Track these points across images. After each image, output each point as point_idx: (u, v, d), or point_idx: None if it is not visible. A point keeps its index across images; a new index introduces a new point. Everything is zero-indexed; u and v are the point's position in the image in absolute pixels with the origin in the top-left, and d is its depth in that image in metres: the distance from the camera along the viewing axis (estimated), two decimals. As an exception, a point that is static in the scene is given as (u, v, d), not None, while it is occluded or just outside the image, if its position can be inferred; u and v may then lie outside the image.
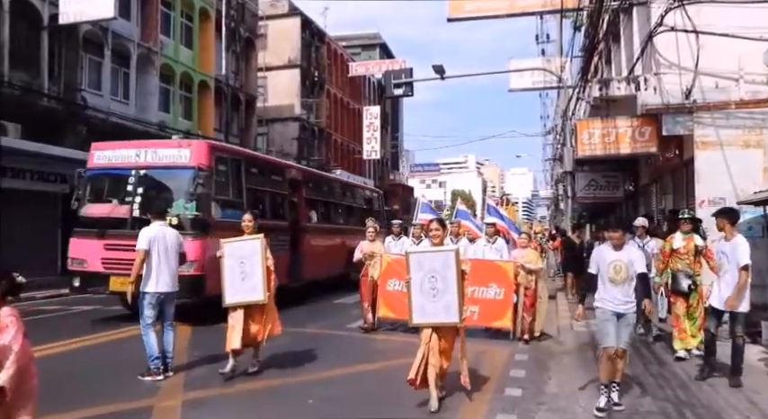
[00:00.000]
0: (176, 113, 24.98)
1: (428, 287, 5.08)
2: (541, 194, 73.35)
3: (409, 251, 5.51)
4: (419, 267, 5.18)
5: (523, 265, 8.61)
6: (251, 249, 6.30)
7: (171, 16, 24.74)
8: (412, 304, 5.14)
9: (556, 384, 6.18)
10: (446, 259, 5.13)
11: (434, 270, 5.11)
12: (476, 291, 8.45)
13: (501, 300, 8.58)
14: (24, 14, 17.41)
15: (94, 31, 19.83)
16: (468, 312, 7.96)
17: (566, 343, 8.60)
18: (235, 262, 6.28)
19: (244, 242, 6.39)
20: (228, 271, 6.29)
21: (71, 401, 5.39)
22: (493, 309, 8.57)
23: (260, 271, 6.22)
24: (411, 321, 5.20)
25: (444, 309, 5.04)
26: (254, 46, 31.85)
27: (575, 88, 15.70)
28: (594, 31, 11.02)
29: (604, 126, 11.19)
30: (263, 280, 6.21)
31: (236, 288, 6.25)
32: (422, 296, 5.10)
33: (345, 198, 17.87)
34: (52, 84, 18.31)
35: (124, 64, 21.84)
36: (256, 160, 13.49)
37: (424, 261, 5.21)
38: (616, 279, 5.27)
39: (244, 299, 6.25)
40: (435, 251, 5.32)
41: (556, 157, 34.68)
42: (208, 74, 26.93)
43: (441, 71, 16.87)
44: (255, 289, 6.22)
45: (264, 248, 6.29)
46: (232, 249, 6.37)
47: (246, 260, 6.25)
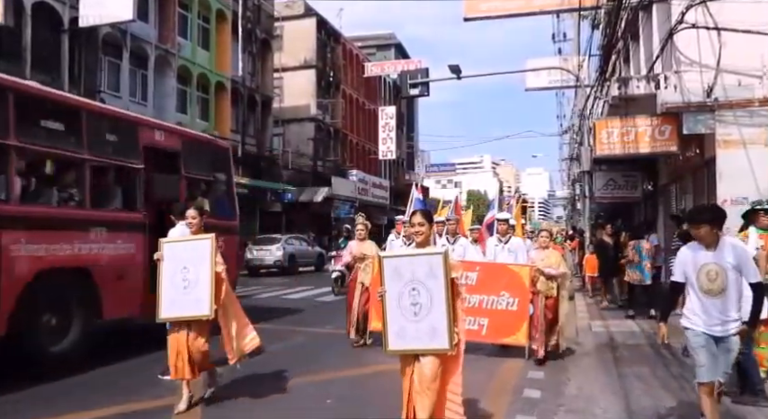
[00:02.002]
0: (193, 114, 25.20)
1: (408, 302, 3.77)
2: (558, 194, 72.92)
3: (383, 255, 4.07)
4: (396, 276, 3.82)
5: (542, 270, 7.19)
6: (197, 251, 5.16)
7: (188, 18, 24.98)
8: (387, 325, 3.82)
9: (575, 385, 6.13)
10: (432, 265, 3.74)
11: (416, 279, 3.76)
12: (484, 301, 7.40)
13: (514, 312, 7.28)
14: (46, 18, 17.68)
15: (113, 34, 20.08)
16: (475, 325, 7.19)
17: (585, 344, 8.51)
18: (176, 268, 5.15)
19: (188, 242, 5.30)
20: (168, 277, 5.17)
21: (95, 399, 5.45)
22: (505, 323, 7.29)
23: (207, 278, 5.06)
24: (386, 347, 3.83)
25: (430, 332, 3.72)
26: (270, 47, 32.04)
27: (592, 87, 15.56)
28: (613, 29, 10.90)
29: (623, 125, 11.06)
30: (211, 291, 5.06)
31: (175, 299, 5.12)
32: (400, 314, 3.79)
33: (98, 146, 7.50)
34: (72, 87, 18.54)
35: (142, 66, 22.08)
36: None
37: (402, 267, 3.83)
38: (712, 289, 4.05)
39: (185, 314, 5.11)
40: (417, 254, 3.91)
41: (573, 157, 34.44)
42: (224, 75, 27.13)
43: (457, 71, 16.83)
44: (200, 302, 5.06)
45: (215, 251, 5.14)
46: (173, 251, 5.25)
47: (191, 265, 5.12)
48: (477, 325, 7.28)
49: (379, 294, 3.87)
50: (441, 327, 3.70)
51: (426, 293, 3.74)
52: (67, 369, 6.35)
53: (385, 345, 3.85)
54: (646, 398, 5.48)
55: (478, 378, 5.97)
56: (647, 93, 10.16)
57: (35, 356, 6.26)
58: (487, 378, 6.38)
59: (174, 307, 5.13)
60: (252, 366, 6.90)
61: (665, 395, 5.65)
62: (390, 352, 3.85)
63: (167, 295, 5.15)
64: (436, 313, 3.72)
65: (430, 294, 3.73)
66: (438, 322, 3.71)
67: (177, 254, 5.20)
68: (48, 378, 6.07)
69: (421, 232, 3.85)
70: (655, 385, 5.99)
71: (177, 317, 5.16)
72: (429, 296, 3.74)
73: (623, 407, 5.26)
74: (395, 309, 3.81)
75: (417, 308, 3.76)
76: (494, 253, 8.18)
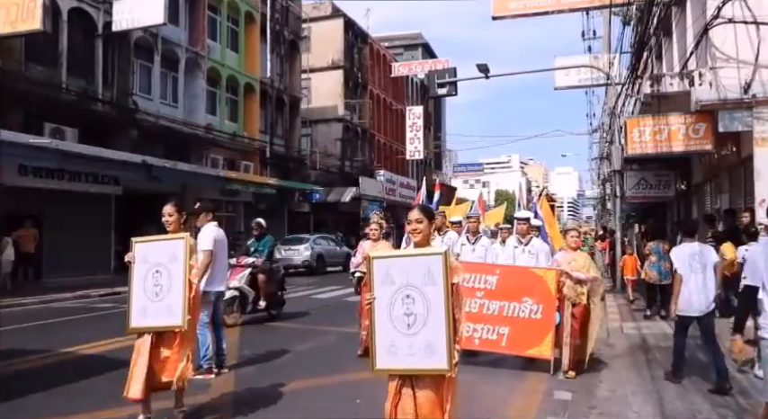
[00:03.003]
0: (223, 115, 25.52)
1: (401, 311, 3.19)
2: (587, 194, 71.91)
3: (373, 254, 3.41)
4: (387, 280, 3.24)
5: (570, 273, 6.46)
6: (171, 253, 4.63)
7: (217, 21, 25.32)
8: (375, 338, 3.24)
9: (607, 388, 6.03)
10: (430, 268, 3.16)
11: (411, 285, 3.18)
12: (505, 308, 6.69)
13: (538, 321, 6.54)
14: (81, 23, 18.12)
15: (145, 38, 20.47)
16: (494, 335, 6.66)
17: (616, 345, 8.37)
18: (149, 271, 4.65)
19: (162, 242, 4.75)
20: (139, 282, 4.66)
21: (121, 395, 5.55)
22: (527, 332, 6.54)
23: (181, 283, 4.57)
24: (373, 366, 3.24)
25: (425, 349, 3.13)
26: (298, 48, 32.29)
27: (623, 85, 15.31)
28: (645, 26, 10.69)
29: (656, 123, 10.86)
30: (185, 297, 4.54)
31: (146, 307, 4.60)
32: (391, 326, 3.20)
33: None
34: (106, 90, 18.98)
35: (173, 68, 22.46)
36: None
37: (395, 270, 3.24)
38: None
39: (156, 323, 4.58)
40: (412, 255, 3.33)
41: (603, 156, 33.93)
42: (253, 76, 27.42)
43: (485, 70, 16.73)
44: (172, 310, 4.54)
45: (189, 252, 4.64)
46: (146, 251, 4.71)
47: (164, 268, 4.61)
48: (496, 335, 6.66)
49: (368, 301, 3.25)
50: (438, 343, 3.10)
51: (422, 301, 3.15)
52: (95, 367, 6.49)
53: (372, 363, 3.22)
54: (681, 402, 5.37)
55: (507, 380, 5.99)
56: (681, 91, 9.94)
57: None
58: (517, 379, 6.34)
59: (144, 315, 4.59)
60: (283, 365, 6.97)
61: (701, 400, 5.52)
62: (379, 371, 3.21)
63: (138, 302, 4.63)
64: (434, 325, 3.12)
65: (426, 302, 3.14)
66: (435, 336, 3.11)
67: (149, 256, 4.67)
68: (79, 375, 6.20)
69: (418, 230, 3.29)
70: (690, 389, 5.86)
71: (148, 328, 4.60)
72: (425, 304, 3.15)
73: (658, 411, 5.16)
74: (385, 320, 3.21)
75: (411, 319, 3.16)
76: (512, 255, 7.43)
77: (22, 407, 5.19)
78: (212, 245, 6.23)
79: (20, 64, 16.11)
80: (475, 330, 6.65)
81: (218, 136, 24.51)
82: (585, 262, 6.63)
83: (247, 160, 26.65)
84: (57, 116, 16.59)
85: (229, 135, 25.40)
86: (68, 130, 16.86)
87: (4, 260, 14.56)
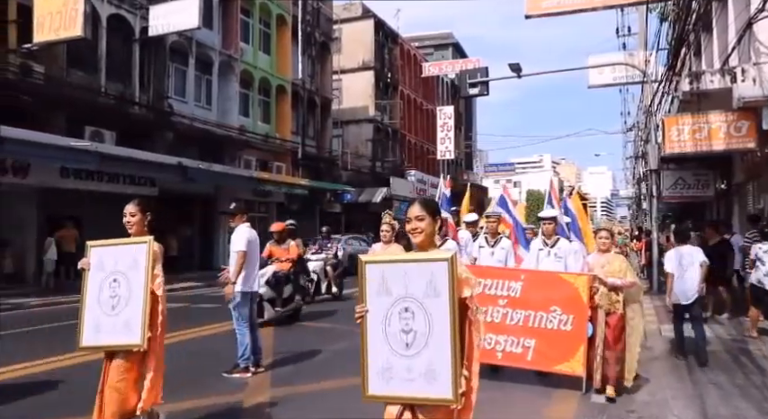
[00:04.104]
0: (255, 117, 25.83)
1: (398, 328, 2.66)
2: (621, 193, 70.64)
3: (365, 258, 2.83)
4: (383, 290, 2.71)
5: (604, 279, 5.75)
6: (131, 259, 3.97)
7: (250, 24, 25.64)
8: (367, 359, 2.70)
9: (646, 391, 5.91)
10: (433, 276, 2.62)
11: (410, 295, 2.66)
12: (531, 318, 6.00)
13: (569, 332, 5.83)
14: (119, 29, 18.56)
15: (180, 42, 20.86)
16: (519, 348, 5.98)
17: (654, 348, 8.19)
18: (105, 279, 3.99)
19: (121, 247, 4.07)
20: (93, 292, 4.00)
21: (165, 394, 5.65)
22: (556, 346, 5.85)
23: (141, 294, 3.88)
24: (365, 391, 2.71)
25: (426, 374, 2.61)
26: (329, 49, 32.49)
27: (660, 83, 14.99)
28: (684, 21, 10.45)
29: (695, 121, 10.61)
30: (144, 311, 3.86)
31: (101, 321, 3.94)
32: (386, 345, 2.68)
33: None
34: (142, 93, 19.39)
35: (207, 71, 22.83)
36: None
37: (392, 278, 2.71)
38: None
39: (110, 341, 3.91)
40: (412, 260, 2.73)
41: (638, 155, 33.30)
42: (285, 78, 27.69)
43: (517, 69, 16.57)
44: (130, 326, 3.86)
45: (152, 258, 3.95)
46: (102, 257, 4.05)
47: (122, 276, 3.96)
48: (521, 348, 6.00)
49: (358, 314, 2.69)
50: (442, 368, 2.57)
51: (423, 316, 2.61)
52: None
53: (363, 388, 2.68)
54: (724, 407, 5.23)
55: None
56: (722, 88, 9.68)
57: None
58: (554, 382, 6.06)
59: (98, 332, 3.93)
60: (317, 364, 7.02)
61: (746, 405, 5.37)
62: (371, 398, 2.69)
63: (91, 315, 3.98)
64: (436, 346, 2.59)
65: (428, 318, 2.61)
66: (438, 359, 2.58)
67: (106, 262, 4.02)
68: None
69: (419, 229, 2.73)
70: (734, 393, 5.70)
71: (101, 347, 3.95)
72: (427, 321, 2.61)
73: (700, 416, 5.04)
74: (379, 337, 2.68)
75: (410, 337, 2.63)
76: (536, 258, 6.67)
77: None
78: (246, 245, 6.32)
79: (62, 70, 16.58)
80: (497, 342, 6.02)
81: (251, 137, 24.82)
82: (621, 266, 5.83)
83: (279, 161, 26.92)
84: (96, 119, 17.02)
85: (262, 136, 25.69)
86: (107, 133, 17.30)
87: (47, 260, 15.04)
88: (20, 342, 8.54)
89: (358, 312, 2.70)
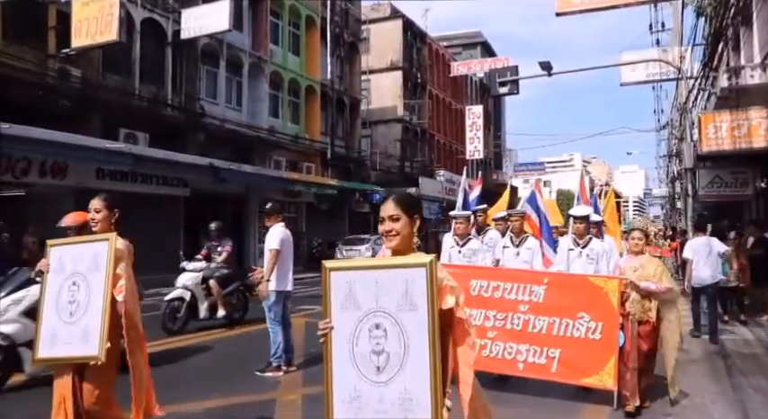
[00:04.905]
0: (285, 118, 26.05)
1: (368, 348, 2.25)
2: (655, 193, 69.30)
3: (329, 265, 2.39)
4: (349, 302, 2.31)
5: (637, 283, 5.24)
6: (91, 259, 3.51)
7: (279, 25, 25.88)
8: (332, 384, 2.29)
9: (683, 395, 5.77)
10: (408, 286, 2.23)
11: (381, 309, 2.26)
12: (555, 325, 5.45)
13: (598, 342, 5.31)
14: (152, 33, 18.90)
15: (211, 44, 21.15)
16: (542, 358, 5.44)
17: (692, 351, 8.00)
18: (64, 282, 3.53)
19: (82, 246, 3.62)
20: (51, 297, 3.55)
21: (201, 391, 5.74)
22: (584, 356, 5.34)
23: (100, 300, 3.42)
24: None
25: (401, 404, 2.19)
26: (358, 50, 32.59)
27: (696, 79, 14.65)
28: (722, 16, 10.18)
29: (734, 118, 10.34)
30: (103, 320, 3.39)
31: (58, 331, 3.48)
32: (352, 368, 2.27)
33: None
34: (175, 95, 19.72)
35: (237, 73, 23.11)
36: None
37: (359, 287, 2.30)
38: None
39: (66, 353, 3.44)
40: (383, 266, 2.35)
41: (672, 154, 32.60)
42: (314, 79, 27.86)
43: (548, 67, 16.37)
44: (89, 336, 3.38)
45: (114, 257, 3.48)
46: (62, 257, 3.60)
47: (81, 279, 3.50)
48: (544, 359, 5.45)
49: (321, 331, 2.29)
50: (419, 397, 2.15)
51: (398, 334, 2.20)
52: (170, 363, 6.74)
53: (327, 414, 2.28)
54: (766, 411, 5.07)
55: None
56: (763, 83, 9.43)
57: None
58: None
59: (54, 343, 3.46)
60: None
61: (790, 410, 5.22)
62: None
63: (48, 323, 3.51)
64: (413, 370, 2.17)
65: (404, 336, 2.20)
66: (415, 386, 2.16)
67: (66, 263, 3.56)
68: (156, 371, 6.45)
69: (393, 231, 2.34)
70: (777, 398, 5.53)
71: (57, 359, 3.49)
72: (402, 339, 2.20)
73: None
74: (345, 359, 2.27)
75: (382, 360, 2.22)
76: (567, 259, 6.16)
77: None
78: (279, 244, 6.37)
79: (98, 73, 16.98)
80: (519, 352, 5.53)
81: (281, 138, 25.04)
82: (657, 270, 5.27)
83: (309, 161, 27.11)
84: (130, 121, 17.37)
85: (291, 137, 25.89)
86: (140, 135, 17.64)
87: (84, 259, 15.39)
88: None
89: (321, 329, 2.29)
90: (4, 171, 13.94)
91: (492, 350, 5.59)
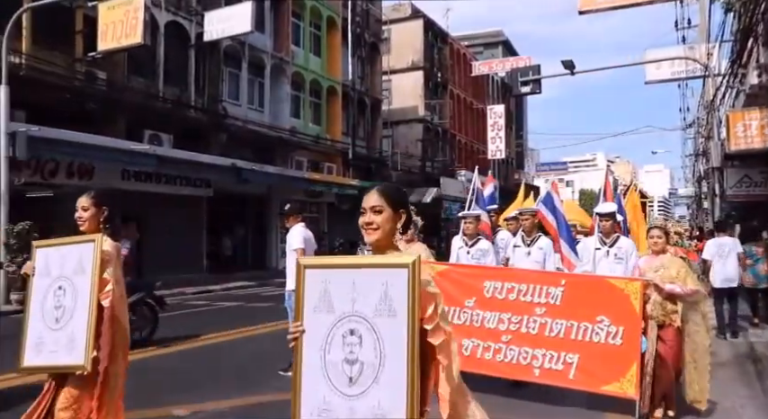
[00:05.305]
0: (306, 119, 26.17)
1: (340, 356, 2.04)
2: (680, 192, 68.25)
3: (304, 262, 2.19)
4: (323, 303, 2.09)
5: (661, 285, 4.92)
6: (76, 261, 3.26)
7: (300, 26, 26.01)
8: (300, 394, 2.08)
9: (712, 399, 5.65)
10: (387, 287, 2.01)
11: (357, 313, 2.04)
12: (573, 329, 5.16)
13: (618, 347, 4.99)
14: (176, 35, 19.14)
15: (233, 46, 21.34)
16: (559, 364, 5.18)
17: (720, 354, 7.82)
18: (50, 287, 3.33)
19: (68, 247, 3.36)
20: (37, 302, 3.35)
21: (224, 390, 5.79)
22: (604, 362, 5.03)
23: (86, 306, 3.17)
24: None
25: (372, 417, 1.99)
26: (379, 50, 32.62)
27: (724, 76, 14.37)
28: (752, 11, 9.96)
29: (764, 116, 10.13)
30: (90, 327, 3.13)
31: (43, 338, 3.29)
32: (325, 378, 2.05)
33: None
34: (198, 97, 19.94)
35: (259, 74, 23.28)
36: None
37: (335, 288, 2.08)
38: None
39: (51, 362, 3.24)
40: (361, 265, 2.13)
41: (698, 153, 32.06)
42: (335, 80, 27.95)
43: (571, 66, 16.22)
44: (74, 344, 3.16)
45: (99, 261, 3.21)
46: (48, 260, 3.38)
47: (68, 283, 3.27)
48: (561, 364, 5.16)
49: (292, 335, 2.08)
50: (394, 412, 1.95)
51: (374, 342, 1.99)
52: (193, 362, 6.80)
53: None
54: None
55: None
56: (794, 80, 9.20)
57: None
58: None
59: (40, 350, 3.28)
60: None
61: None
62: None
63: (34, 330, 3.32)
64: (389, 384, 1.95)
65: (380, 345, 1.98)
66: (390, 402, 1.95)
67: (52, 266, 3.35)
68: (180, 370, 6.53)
69: (374, 224, 2.12)
70: (809, 403, 5.39)
71: (42, 368, 3.31)
72: (378, 348, 1.98)
73: (772, 426, 4.79)
74: (316, 367, 2.05)
75: (356, 370, 2.00)
76: (593, 259, 5.90)
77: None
78: (302, 243, 6.39)
79: (123, 76, 17.25)
80: (534, 357, 5.26)
81: (303, 138, 25.16)
82: (680, 271, 4.98)
83: (330, 162, 27.21)
84: (154, 123, 17.61)
85: (313, 137, 26.01)
86: (164, 136, 17.88)
87: (109, 258, 15.64)
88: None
89: (291, 332, 2.07)
90: (33, 172, 14.23)
91: (506, 354, 5.35)
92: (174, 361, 7.14)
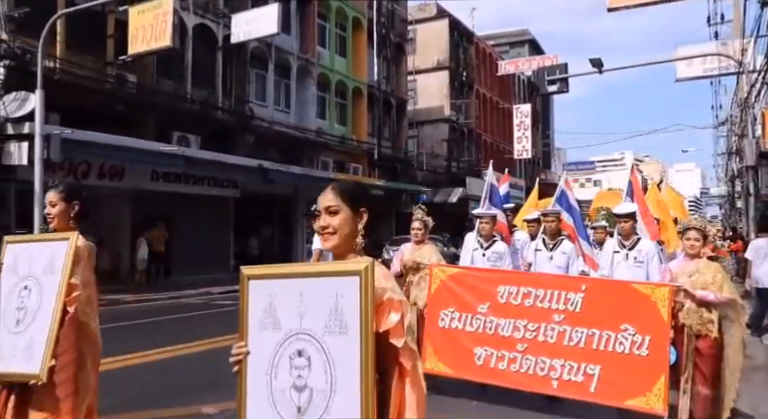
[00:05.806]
0: (332, 120, 26.28)
1: (288, 382, 1.75)
2: (712, 192, 66.80)
3: (247, 271, 1.91)
4: (269, 320, 1.82)
5: (692, 291, 4.54)
6: (47, 260, 2.99)
7: (326, 28, 26.12)
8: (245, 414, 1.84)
9: (746, 404, 5.48)
10: (338, 300, 1.71)
11: (306, 330, 1.75)
12: (595, 339, 4.78)
13: (645, 358, 4.59)
14: (203, 38, 19.40)
15: (260, 48, 21.54)
16: (580, 376, 4.80)
17: (755, 357, 7.60)
18: (16, 286, 3.04)
19: (40, 244, 3.11)
20: (1, 302, 3.07)
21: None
22: (628, 374, 4.64)
23: (51, 309, 2.88)
24: None
25: None
26: (404, 50, 32.59)
27: (759, 73, 14.02)
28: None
29: (800, 113, 9.82)
30: (52, 332, 2.85)
31: (2, 340, 2.99)
32: (271, 408, 1.78)
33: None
34: (225, 99, 20.18)
35: (285, 76, 23.46)
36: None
37: (281, 302, 1.81)
38: None
39: (7, 369, 2.93)
40: (308, 274, 1.82)
41: (732, 151, 31.32)
42: (361, 80, 28.01)
43: (599, 64, 15.99)
44: (33, 350, 2.87)
45: (73, 260, 2.93)
46: (19, 257, 3.11)
47: (34, 283, 2.99)
48: (582, 376, 4.79)
49: (234, 358, 1.86)
50: None
51: (324, 364, 1.71)
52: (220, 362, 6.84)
53: None
54: None
55: None
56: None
57: None
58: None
59: None
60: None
61: None
62: None
63: None
64: (340, 412, 1.67)
65: (330, 366, 1.70)
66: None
67: (20, 264, 3.07)
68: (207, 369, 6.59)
69: (329, 228, 1.88)
70: None
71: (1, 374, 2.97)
72: (328, 372, 1.70)
73: (810, 433, 4.62)
74: (262, 395, 1.80)
75: (305, 397, 1.72)
76: (611, 262, 5.56)
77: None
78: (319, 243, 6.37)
79: (152, 79, 17.54)
80: (552, 368, 4.89)
81: (328, 139, 25.27)
82: (716, 277, 4.54)
83: (356, 162, 27.28)
84: (182, 125, 17.87)
85: (339, 138, 26.10)
86: (192, 137, 18.12)
87: (140, 258, 15.95)
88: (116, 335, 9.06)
89: (234, 354, 1.85)
90: (67, 174, 14.55)
91: (522, 365, 4.99)
92: (201, 360, 7.21)
